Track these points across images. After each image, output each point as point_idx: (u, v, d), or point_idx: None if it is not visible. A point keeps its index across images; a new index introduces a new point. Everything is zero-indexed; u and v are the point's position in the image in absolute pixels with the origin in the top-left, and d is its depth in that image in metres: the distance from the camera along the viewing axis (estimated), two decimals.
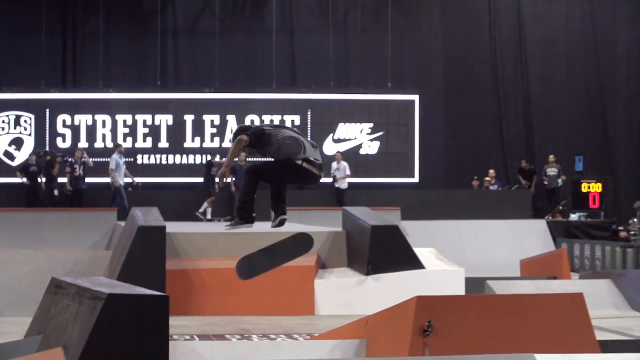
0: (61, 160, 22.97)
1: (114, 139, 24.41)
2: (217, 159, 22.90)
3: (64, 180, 23.08)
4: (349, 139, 25.35)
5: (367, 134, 25.44)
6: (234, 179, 22.72)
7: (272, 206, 8.30)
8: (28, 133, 24.48)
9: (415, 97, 25.63)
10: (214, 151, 23.85)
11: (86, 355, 5.48)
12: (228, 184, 22.87)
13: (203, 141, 24.87)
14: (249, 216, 8.17)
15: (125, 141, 24.22)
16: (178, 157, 24.85)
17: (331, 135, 25.09)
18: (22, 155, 24.23)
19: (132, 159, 24.14)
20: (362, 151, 25.47)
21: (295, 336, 10.14)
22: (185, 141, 24.87)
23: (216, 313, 12.44)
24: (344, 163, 23.89)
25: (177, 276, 12.55)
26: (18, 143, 24.44)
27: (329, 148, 24.62)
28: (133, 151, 24.40)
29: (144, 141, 24.74)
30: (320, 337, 8.16)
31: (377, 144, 25.47)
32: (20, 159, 24.20)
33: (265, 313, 12.40)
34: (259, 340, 9.85)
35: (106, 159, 23.32)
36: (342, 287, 13.03)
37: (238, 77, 26.03)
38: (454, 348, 6.54)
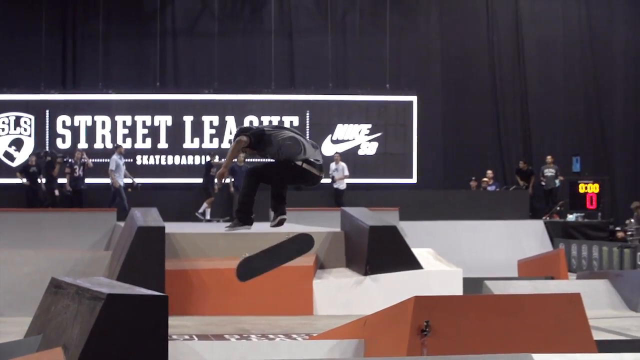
0: (61, 161, 22.96)
1: (114, 140, 24.40)
2: (217, 160, 22.90)
3: (64, 181, 23.06)
4: (348, 140, 25.34)
5: (366, 135, 25.43)
6: (233, 180, 22.72)
7: (272, 206, 8.28)
8: (28, 134, 24.47)
9: (413, 98, 25.63)
10: (213, 152, 23.86)
11: (86, 355, 5.48)
12: (227, 185, 22.85)
13: (202, 142, 24.87)
14: (248, 218, 8.17)
15: (124, 142, 24.19)
16: (177, 158, 24.84)
17: (330, 136, 25.07)
18: (22, 156, 24.21)
19: (132, 160, 24.11)
20: (361, 152, 25.45)
21: (294, 336, 10.13)
22: (184, 142, 24.86)
23: (215, 313, 12.41)
24: (343, 164, 23.89)
25: (176, 276, 12.51)
26: (18, 144, 24.42)
27: (328, 149, 24.56)
28: (132, 152, 24.38)
29: (144, 142, 24.73)
30: (318, 337, 8.16)
31: (376, 145, 25.46)
32: (20, 160, 24.18)
33: (264, 313, 12.37)
34: (258, 340, 9.82)
35: (106, 160, 23.32)
36: (341, 288, 13.00)
37: (237, 78, 25.99)
38: (452, 348, 6.55)
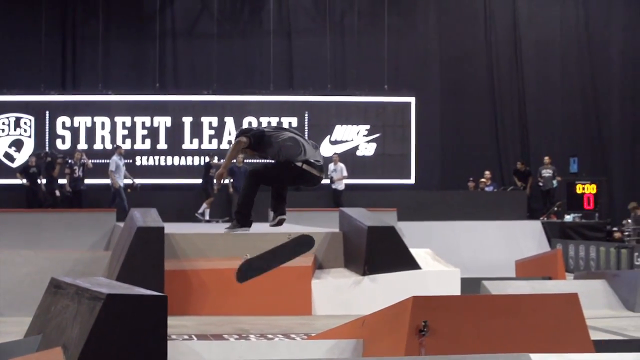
0: (62, 161, 22.99)
1: (113, 141, 24.43)
2: (216, 161, 22.94)
3: (64, 181, 23.09)
4: (346, 141, 25.36)
5: (364, 136, 25.46)
6: (232, 181, 22.78)
7: (273, 206, 8.31)
8: (28, 135, 24.51)
9: (411, 99, 25.65)
10: (212, 153, 23.91)
11: (85, 354, 5.46)
12: (226, 186, 22.88)
13: (201, 143, 24.90)
14: (247, 220, 8.22)
15: (124, 143, 24.22)
16: (176, 159, 24.88)
17: (328, 137, 25.07)
18: (22, 156, 24.24)
19: (131, 161, 24.13)
20: (359, 153, 25.48)
21: (292, 336, 10.05)
22: (183, 143, 24.90)
23: (214, 313, 12.31)
24: (341, 164, 23.91)
25: (176, 276, 12.41)
26: (18, 145, 24.45)
27: (326, 150, 24.51)
28: (132, 153, 24.40)
29: (143, 143, 24.78)
30: (317, 337, 8.08)
31: (374, 146, 25.48)
32: (20, 161, 24.21)
33: (263, 313, 12.29)
34: (257, 340, 9.71)
35: (105, 161, 23.35)
36: (339, 288, 12.93)
37: (236, 79, 25.98)
38: (450, 348, 6.52)
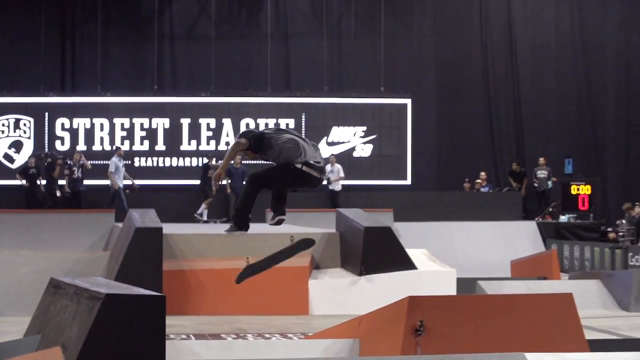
0: (62, 162, 23.03)
1: (112, 142, 24.49)
2: (214, 162, 23.00)
3: (63, 182, 23.12)
4: (343, 142, 25.38)
5: (361, 137, 25.46)
6: (229, 181, 22.87)
7: (273, 205, 8.31)
8: (27, 136, 24.54)
9: (407, 101, 25.67)
10: (210, 154, 23.93)
11: (84, 354, 5.48)
12: (223, 186, 22.95)
13: (199, 144, 24.93)
14: (244, 223, 8.24)
15: (122, 144, 24.23)
16: (175, 160, 24.91)
17: (325, 138, 25.06)
18: (22, 158, 24.26)
19: (130, 162, 24.17)
20: (356, 154, 25.49)
21: (289, 335, 10.10)
22: (181, 144, 24.92)
23: (212, 313, 12.35)
24: (338, 166, 23.92)
25: (174, 276, 12.45)
26: (17, 146, 24.47)
27: (323, 151, 24.24)
28: (130, 154, 24.42)
29: (141, 144, 24.81)
30: (314, 337, 8.16)
31: (370, 147, 25.49)
32: (19, 162, 24.23)
33: (260, 313, 12.32)
34: (254, 339, 9.71)
35: (104, 162, 23.42)
36: (336, 288, 12.96)
37: (234, 81, 25.97)
38: (446, 347, 6.55)
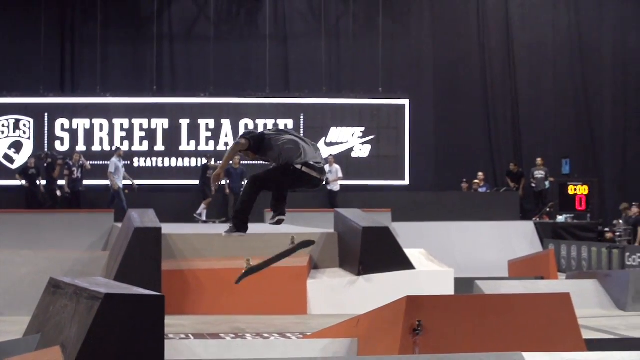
0: (62, 162, 23.02)
1: (111, 143, 24.50)
2: (213, 163, 23.03)
3: (62, 182, 23.11)
4: (341, 143, 25.38)
5: (359, 138, 25.48)
6: (228, 182, 22.95)
7: (273, 205, 8.33)
8: (27, 137, 24.56)
9: (405, 102, 25.69)
10: (209, 154, 23.95)
11: (84, 353, 5.50)
12: (222, 187, 22.93)
13: (198, 144, 24.94)
14: (243, 225, 8.21)
15: (122, 144, 24.24)
16: (174, 160, 24.93)
17: (323, 138, 25.04)
18: (22, 158, 24.28)
19: (129, 162, 24.17)
20: (354, 154, 25.50)
21: (288, 335, 10.18)
22: (180, 144, 24.93)
23: (211, 312, 12.46)
24: (336, 166, 23.90)
25: (173, 276, 12.57)
26: (17, 146, 24.50)
27: (322, 151, 24.55)
28: (130, 154, 24.42)
29: (141, 144, 24.83)
30: (312, 336, 8.22)
31: (369, 147, 25.50)
32: (19, 162, 24.24)
33: (258, 312, 12.43)
34: (253, 339, 9.83)
35: (103, 162, 23.44)
36: (334, 288, 13.05)
37: (232, 82, 25.95)
38: (444, 347, 6.60)
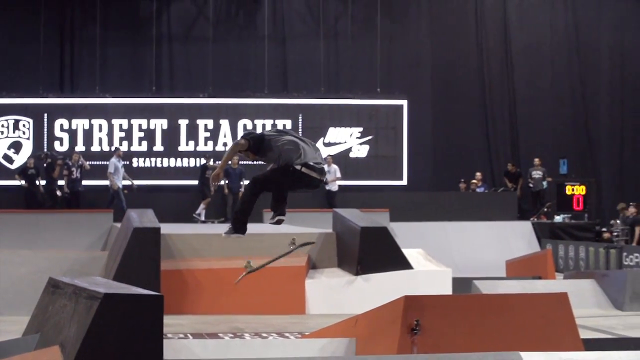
0: (62, 162, 23.06)
1: (110, 143, 24.55)
2: (212, 163, 23.08)
3: (62, 182, 23.16)
4: (340, 143, 25.44)
5: (357, 138, 25.53)
6: (227, 182, 22.99)
7: (273, 206, 8.36)
8: (27, 137, 24.60)
9: (403, 102, 25.74)
10: (208, 154, 24.00)
11: (82, 353, 5.51)
12: (221, 187, 22.99)
13: (197, 145, 24.99)
14: (242, 227, 8.26)
15: (121, 145, 24.29)
16: (173, 160, 24.99)
17: (322, 139, 25.06)
18: (21, 158, 24.33)
19: (128, 162, 24.19)
20: (352, 154, 25.56)
21: (286, 335, 10.17)
22: (179, 145, 24.99)
23: (209, 312, 12.47)
24: (335, 166, 23.98)
25: (172, 276, 12.57)
26: (17, 147, 24.54)
27: (321, 152, 24.63)
28: (129, 154, 24.45)
29: (140, 145, 24.88)
30: (310, 336, 8.24)
31: (367, 148, 25.56)
32: (18, 162, 24.30)
33: (257, 312, 12.44)
34: (251, 338, 9.83)
35: (102, 162, 23.50)
36: (332, 287, 13.06)
37: (231, 83, 26.04)
38: (442, 346, 6.61)
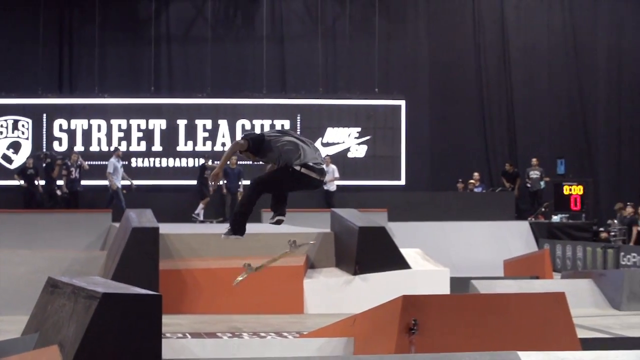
0: (61, 163, 23.08)
1: (109, 143, 24.59)
2: (210, 163, 23.10)
3: (61, 182, 23.20)
4: (338, 143, 25.47)
5: (355, 138, 25.58)
6: (225, 182, 23.02)
7: (273, 206, 8.35)
8: (26, 137, 24.63)
9: (401, 102, 25.78)
10: (207, 154, 24.03)
11: (81, 352, 5.51)
12: (220, 186, 22.98)
13: (195, 145, 25.04)
14: (241, 229, 8.25)
15: (120, 145, 24.34)
16: (171, 160, 25.02)
17: (320, 139, 25.09)
18: (20, 158, 24.36)
19: (127, 162, 24.21)
20: (350, 155, 25.59)
21: (284, 334, 10.22)
22: (178, 145, 25.02)
23: (208, 312, 12.50)
24: (333, 166, 23.96)
25: (170, 276, 12.61)
26: (16, 147, 24.58)
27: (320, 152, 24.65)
28: (128, 154, 24.50)
29: (138, 145, 24.92)
30: (308, 335, 8.29)
31: (365, 148, 25.60)
32: (18, 163, 24.34)
33: (255, 312, 12.48)
34: (250, 338, 9.84)
35: (101, 162, 23.53)
36: (331, 287, 13.11)
37: (229, 83, 26.05)
38: (440, 346, 6.63)
